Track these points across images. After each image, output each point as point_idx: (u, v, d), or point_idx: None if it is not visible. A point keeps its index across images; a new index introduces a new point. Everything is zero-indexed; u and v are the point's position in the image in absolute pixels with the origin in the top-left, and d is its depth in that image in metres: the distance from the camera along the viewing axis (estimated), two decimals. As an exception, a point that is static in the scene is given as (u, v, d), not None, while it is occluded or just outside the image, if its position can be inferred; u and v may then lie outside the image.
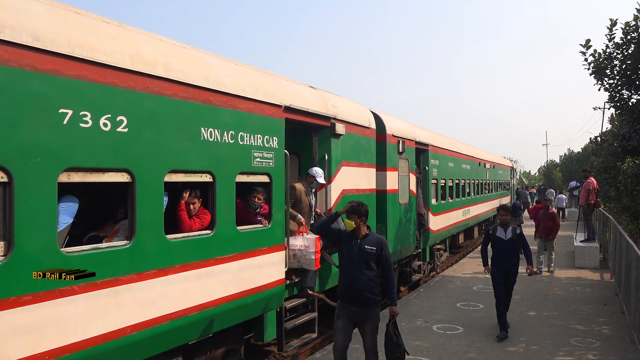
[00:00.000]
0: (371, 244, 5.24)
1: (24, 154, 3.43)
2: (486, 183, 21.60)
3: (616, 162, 12.51)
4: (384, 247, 5.28)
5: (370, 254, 5.18)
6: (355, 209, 5.23)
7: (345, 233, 5.39)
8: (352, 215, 5.24)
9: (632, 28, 9.65)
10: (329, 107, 7.28)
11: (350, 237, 5.31)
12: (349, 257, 5.24)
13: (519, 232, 7.66)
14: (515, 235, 7.59)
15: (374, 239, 5.31)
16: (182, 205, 4.97)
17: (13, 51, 3.38)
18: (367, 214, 5.31)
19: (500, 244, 7.60)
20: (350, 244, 5.28)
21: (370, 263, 5.18)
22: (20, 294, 3.39)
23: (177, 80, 4.64)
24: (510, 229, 7.64)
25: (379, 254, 5.24)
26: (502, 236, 7.61)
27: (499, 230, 7.70)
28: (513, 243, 7.58)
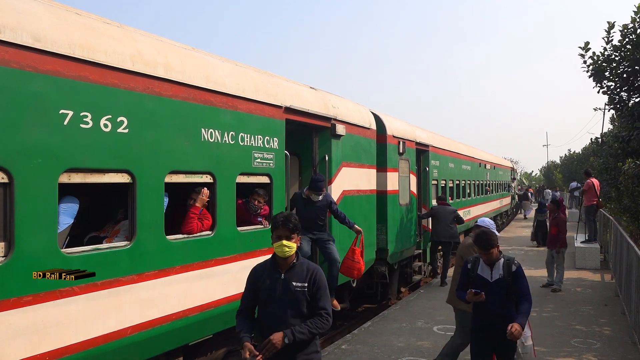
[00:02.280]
0: (300, 278, 3.57)
1: (24, 154, 3.44)
2: (487, 184, 21.60)
3: (617, 163, 12.52)
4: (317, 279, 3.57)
5: (299, 294, 3.52)
6: (287, 220, 3.54)
7: (261, 266, 3.71)
8: (282, 230, 3.51)
9: (630, 30, 9.66)
10: (329, 108, 7.28)
11: (271, 268, 3.60)
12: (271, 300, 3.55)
13: (516, 270, 4.64)
14: (509, 274, 4.63)
15: (304, 268, 3.61)
16: (195, 209, 4.93)
17: (14, 52, 3.38)
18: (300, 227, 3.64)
19: (485, 288, 4.65)
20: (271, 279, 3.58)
21: (300, 307, 3.51)
22: (21, 295, 3.39)
23: (178, 80, 4.64)
24: (501, 264, 4.67)
25: (313, 292, 3.54)
26: (487, 276, 4.69)
27: (482, 265, 4.75)
28: (505, 288, 4.63)
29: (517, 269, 4.70)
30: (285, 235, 3.53)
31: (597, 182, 13.78)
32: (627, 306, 8.25)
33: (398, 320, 8.54)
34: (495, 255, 4.70)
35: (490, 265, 4.74)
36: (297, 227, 3.59)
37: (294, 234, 3.56)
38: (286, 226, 3.53)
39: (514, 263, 4.74)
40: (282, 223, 3.54)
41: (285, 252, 3.54)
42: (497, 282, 4.67)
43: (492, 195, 23.08)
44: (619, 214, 13.77)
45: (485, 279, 4.73)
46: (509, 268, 4.67)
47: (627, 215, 12.23)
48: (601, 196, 14.26)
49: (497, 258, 4.72)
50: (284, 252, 3.53)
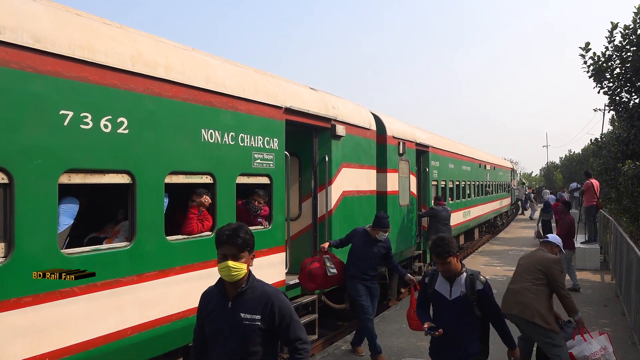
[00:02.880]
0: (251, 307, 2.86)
1: (24, 155, 3.44)
2: (487, 184, 21.60)
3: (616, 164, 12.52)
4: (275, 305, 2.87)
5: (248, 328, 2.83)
6: (234, 235, 2.84)
7: (210, 291, 3.10)
8: (227, 247, 2.83)
9: (631, 31, 9.67)
10: (329, 109, 7.29)
11: (219, 294, 2.97)
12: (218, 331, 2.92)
13: (483, 288, 3.95)
14: (473, 292, 3.94)
15: (258, 294, 2.89)
16: (194, 209, 4.94)
17: (14, 53, 3.39)
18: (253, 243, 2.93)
19: (443, 308, 4.04)
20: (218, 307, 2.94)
21: (250, 346, 2.84)
22: (21, 296, 3.39)
23: (178, 81, 4.65)
24: (463, 280, 3.98)
25: (276, 325, 2.87)
26: (445, 293, 4.03)
27: (441, 279, 4.09)
28: (468, 308, 3.96)
29: (484, 287, 3.97)
30: (232, 253, 2.81)
31: (596, 182, 13.78)
32: (627, 307, 8.25)
33: (398, 321, 8.54)
34: (455, 268, 3.97)
35: (449, 280, 4.03)
36: (248, 243, 2.85)
37: (244, 251, 2.84)
38: (232, 242, 2.81)
39: (479, 279, 3.98)
40: (227, 238, 2.81)
41: (233, 276, 2.82)
42: (458, 300, 3.97)
43: (492, 196, 23.08)
44: (619, 214, 13.77)
45: (444, 296, 4.02)
46: (473, 285, 3.95)
47: (627, 216, 12.23)
48: (601, 197, 14.26)
49: (457, 272, 4.00)
50: (230, 276, 2.82)
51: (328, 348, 7.27)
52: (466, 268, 4.10)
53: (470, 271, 4.07)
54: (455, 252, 3.97)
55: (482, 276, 4.07)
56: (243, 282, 2.90)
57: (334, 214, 7.32)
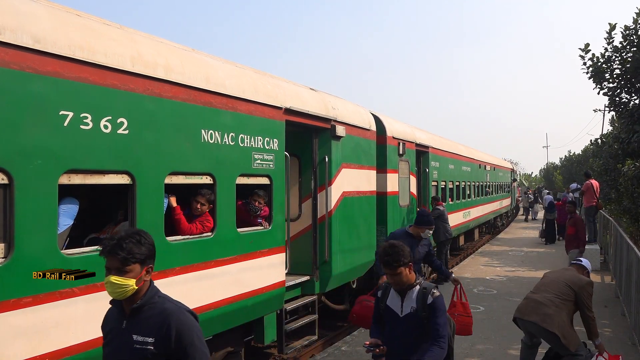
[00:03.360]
0: (146, 328, 2.44)
1: (24, 155, 3.44)
2: (487, 185, 21.60)
3: (616, 165, 12.52)
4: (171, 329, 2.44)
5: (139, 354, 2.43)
6: (117, 245, 2.40)
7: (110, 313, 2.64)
8: (109, 259, 2.42)
9: (631, 31, 9.67)
10: (329, 109, 7.29)
11: (118, 312, 2.56)
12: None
13: (433, 302, 3.55)
14: (424, 307, 3.56)
15: (157, 313, 2.47)
16: (177, 209, 4.92)
17: (14, 53, 3.39)
18: (153, 253, 2.53)
19: (395, 325, 3.67)
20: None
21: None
22: (21, 296, 3.39)
23: (178, 82, 4.65)
24: (415, 294, 3.61)
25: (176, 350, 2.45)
26: (397, 309, 3.66)
27: (393, 294, 3.72)
28: (420, 326, 3.58)
29: (434, 300, 3.53)
30: (115, 267, 2.39)
31: (596, 183, 13.80)
32: (627, 307, 8.25)
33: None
34: (406, 280, 3.57)
35: (401, 294, 3.63)
36: (135, 255, 2.40)
37: (130, 264, 2.39)
38: (114, 254, 2.38)
39: (432, 293, 3.56)
40: (109, 249, 2.39)
41: (117, 293, 2.40)
42: (409, 317, 3.57)
43: (492, 196, 23.09)
44: (619, 215, 13.78)
45: (395, 312, 3.63)
46: (425, 300, 3.53)
47: (627, 216, 12.24)
48: (601, 197, 14.27)
49: (409, 284, 3.61)
50: (114, 293, 2.40)
51: (328, 349, 7.27)
52: (420, 280, 3.68)
53: (425, 284, 3.64)
54: (407, 262, 3.54)
55: (436, 290, 3.61)
56: (138, 299, 2.48)
57: (334, 214, 7.32)
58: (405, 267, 3.54)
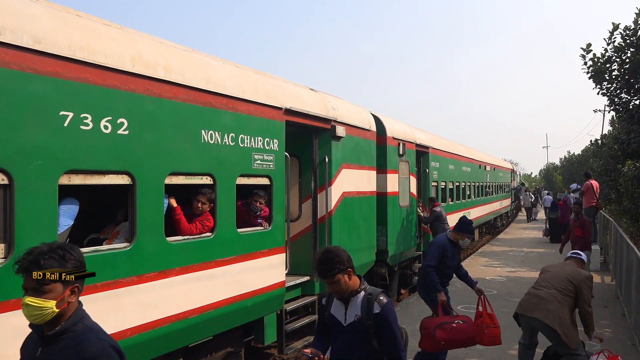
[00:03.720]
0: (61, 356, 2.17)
1: (24, 156, 3.44)
2: (487, 185, 21.61)
3: (617, 165, 12.53)
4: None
5: None
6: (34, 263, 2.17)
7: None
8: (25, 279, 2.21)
9: (632, 32, 9.67)
10: (329, 110, 7.29)
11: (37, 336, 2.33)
12: None
13: (380, 311, 3.21)
14: (368, 316, 3.23)
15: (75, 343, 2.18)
16: (178, 209, 4.94)
17: (14, 54, 3.39)
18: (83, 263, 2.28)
19: (338, 335, 3.39)
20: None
21: None
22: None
23: (178, 82, 4.65)
24: (359, 301, 3.30)
25: None
26: (340, 317, 3.36)
27: (337, 303, 3.41)
28: (364, 336, 3.26)
29: (382, 309, 3.20)
30: (32, 287, 2.13)
31: (596, 183, 13.81)
32: (627, 308, 8.25)
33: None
34: (346, 287, 3.25)
35: (344, 302, 3.33)
36: (53, 274, 2.11)
37: (49, 284, 2.11)
38: (29, 273, 2.12)
39: (378, 300, 3.22)
40: (26, 266, 2.13)
41: (33, 317, 2.13)
42: (353, 326, 3.26)
43: (492, 196, 23.09)
44: (619, 215, 13.79)
45: (339, 321, 3.34)
46: (370, 307, 3.21)
47: (627, 216, 12.25)
48: (601, 198, 14.27)
49: (352, 291, 3.29)
50: (31, 316, 2.14)
51: (328, 349, 7.25)
52: (365, 285, 3.35)
53: (370, 290, 3.32)
54: (345, 268, 3.23)
55: (383, 297, 3.26)
56: (58, 324, 2.16)
57: (334, 214, 7.32)
58: (344, 274, 3.22)
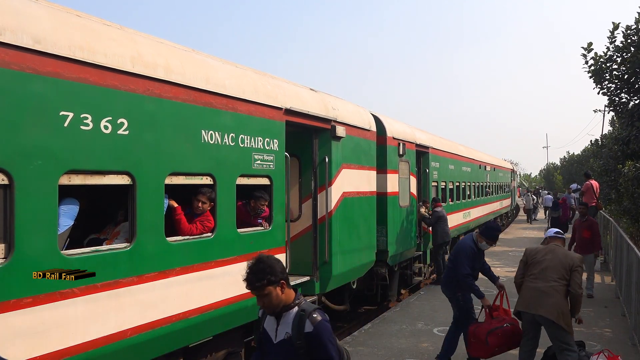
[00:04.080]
0: None
1: (24, 156, 3.44)
2: (487, 185, 21.61)
3: (617, 165, 12.52)
4: None
5: None
6: None
7: None
8: None
9: (632, 31, 9.67)
10: (329, 110, 7.29)
11: None
12: None
13: (313, 330, 2.87)
14: (299, 335, 2.90)
15: None
16: (179, 209, 4.94)
17: (14, 54, 3.39)
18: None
19: (269, 351, 3.08)
20: None
21: None
22: (21, 297, 3.39)
23: (178, 82, 4.65)
24: (291, 318, 2.96)
25: None
26: (272, 333, 3.05)
27: (270, 319, 3.10)
28: (293, 355, 2.94)
29: (315, 328, 2.85)
30: None
31: (596, 183, 13.81)
32: (627, 308, 8.25)
33: (398, 322, 8.54)
34: (277, 302, 2.92)
35: (276, 317, 3.02)
36: None
37: None
38: None
39: (311, 317, 2.88)
40: None
41: None
42: (282, 344, 2.95)
43: (492, 197, 23.09)
44: (619, 215, 13.78)
45: (270, 337, 3.04)
46: (301, 325, 2.87)
47: (627, 217, 12.24)
48: (601, 198, 14.27)
49: (284, 306, 2.95)
50: None
51: (328, 349, 7.25)
52: (300, 300, 3.00)
53: (305, 305, 2.97)
54: (277, 279, 2.88)
55: (317, 314, 2.90)
56: None
57: (334, 215, 7.32)
58: (276, 286, 2.89)
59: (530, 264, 5.52)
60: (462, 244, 6.47)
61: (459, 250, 6.39)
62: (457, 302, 6.36)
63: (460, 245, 6.50)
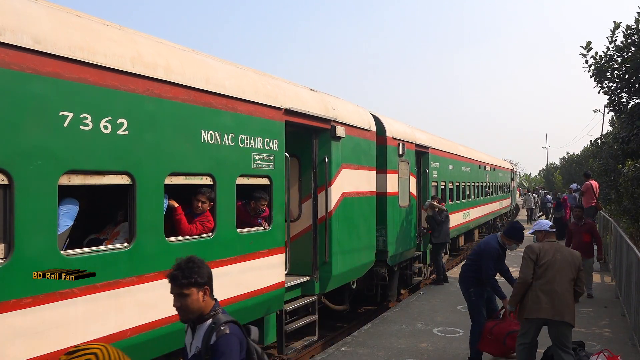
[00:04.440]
0: None
1: (24, 156, 3.44)
2: (486, 185, 21.60)
3: (616, 165, 12.53)
4: None
5: None
6: None
7: None
8: None
9: (633, 31, 9.67)
10: (329, 110, 7.29)
11: None
12: None
13: (215, 342, 2.65)
14: (207, 349, 2.69)
15: None
16: (179, 209, 4.93)
17: (14, 54, 3.39)
18: None
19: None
20: None
21: None
22: (21, 297, 3.39)
23: (178, 82, 4.65)
24: (204, 329, 2.76)
25: None
26: (188, 346, 2.88)
27: (188, 334, 2.92)
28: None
29: (217, 340, 2.64)
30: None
31: (595, 184, 13.81)
32: (627, 308, 8.25)
33: (398, 322, 8.54)
34: (195, 307, 2.72)
35: (192, 328, 2.84)
36: None
37: None
38: None
39: (219, 329, 2.67)
40: None
41: None
42: (195, 358, 2.74)
43: (492, 197, 23.09)
44: (618, 215, 13.78)
45: (187, 351, 2.86)
46: (209, 339, 2.68)
47: (627, 217, 12.24)
48: (601, 198, 14.26)
49: (200, 315, 2.75)
50: None
51: (328, 349, 7.26)
52: (218, 311, 2.77)
53: (220, 317, 2.75)
54: (202, 283, 2.70)
55: (226, 327, 2.68)
56: None
57: (333, 215, 7.32)
58: (199, 290, 2.69)
59: (542, 265, 5.29)
60: (487, 245, 6.38)
61: (483, 251, 6.32)
62: (469, 297, 6.43)
63: (485, 246, 6.39)
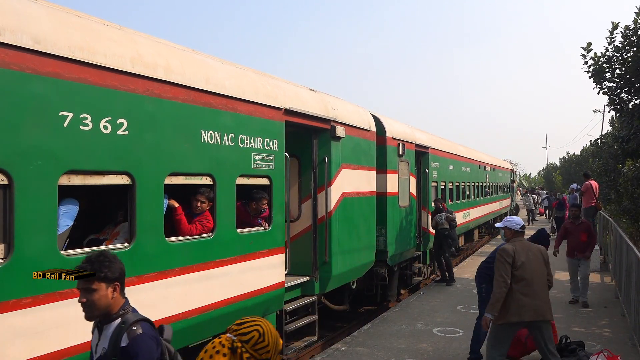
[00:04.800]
0: None
1: (24, 156, 3.44)
2: (486, 186, 21.60)
3: (616, 165, 12.53)
4: None
5: None
6: None
7: None
8: None
9: (631, 31, 9.67)
10: (329, 110, 7.29)
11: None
12: None
13: (126, 346, 2.43)
14: (114, 351, 2.45)
15: None
16: (179, 209, 4.93)
17: (14, 54, 3.39)
18: None
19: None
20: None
21: None
22: (20, 297, 3.39)
23: (178, 82, 4.65)
24: (112, 329, 2.53)
25: None
26: (94, 348, 2.65)
27: (95, 335, 2.70)
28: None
29: (130, 342, 2.45)
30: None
31: (595, 184, 13.82)
32: (627, 308, 8.25)
33: (398, 322, 8.54)
34: (103, 304, 2.53)
35: (99, 328, 2.62)
36: None
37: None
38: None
39: (131, 329, 2.48)
40: None
41: None
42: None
43: (492, 197, 23.09)
44: (618, 215, 13.78)
45: (92, 354, 2.65)
46: (118, 340, 2.46)
47: (627, 217, 12.25)
48: (601, 198, 14.27)
49: (108, 314, 2.56)
50: None
51: (328, 349, 7.26)
52: (127, 310, 2.58)
53: (129, 316, 2.55)
54: (113, 278, 2.52)
55: (138, 326, 2.49)
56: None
57: (333, 215, 7.32)
58: (108, 285, 2.50)
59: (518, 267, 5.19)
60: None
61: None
62: (480, 292, 6.53)
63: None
